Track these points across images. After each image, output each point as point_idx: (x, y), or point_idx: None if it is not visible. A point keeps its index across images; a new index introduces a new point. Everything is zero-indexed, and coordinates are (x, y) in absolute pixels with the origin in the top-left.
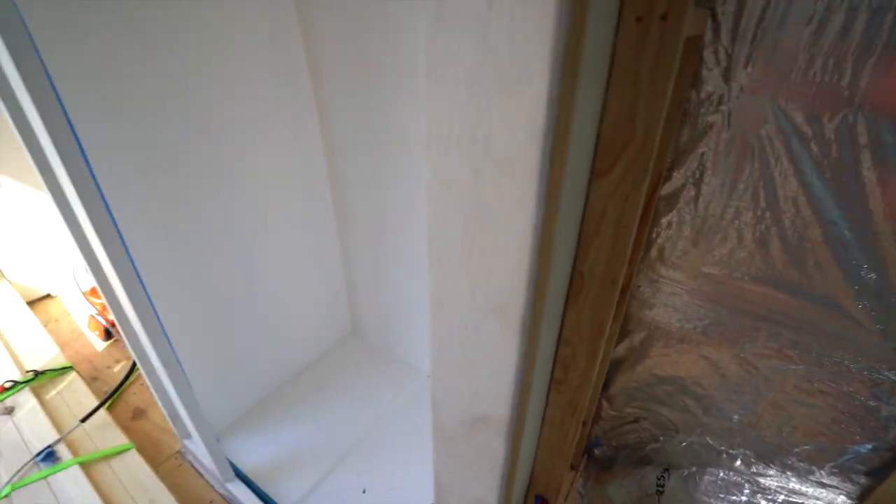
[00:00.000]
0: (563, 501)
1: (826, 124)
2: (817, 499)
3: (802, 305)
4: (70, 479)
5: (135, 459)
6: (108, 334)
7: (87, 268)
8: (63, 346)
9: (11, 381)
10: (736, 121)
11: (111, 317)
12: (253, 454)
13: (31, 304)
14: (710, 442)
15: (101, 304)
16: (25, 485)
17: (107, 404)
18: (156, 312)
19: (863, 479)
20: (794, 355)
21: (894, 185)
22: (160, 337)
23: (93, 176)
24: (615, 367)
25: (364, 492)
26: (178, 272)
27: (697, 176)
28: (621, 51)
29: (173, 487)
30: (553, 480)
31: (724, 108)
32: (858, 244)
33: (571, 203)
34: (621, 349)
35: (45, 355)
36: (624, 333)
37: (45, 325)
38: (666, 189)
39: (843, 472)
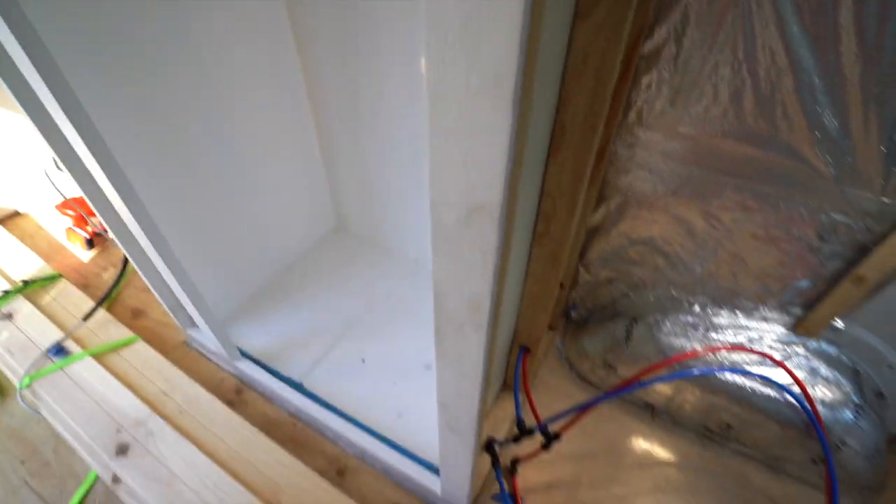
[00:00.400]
0: (542, 354)
1: None
2: (759, 330)
3: (768, 157)
4: (86, 368)
5: (144, 349)
6: (90, 244)
7: (67, 172)
8: (46, 259)
9: (3, 290)
10: None
11: (90, 227)
12: (255, 338)
13: (1, 221)
14: (675, 294)
15: (75, 216)
16: (44, 375)
17: (105, 305)
18: (144, 209)
19: (798, 311)
20: (754, 205)
21: (868, 28)
22: (156, 232)
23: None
24: (592, 234)
25: (363, 361)
26: (164, 169)
27: (680, 30)
28: None
29: (186, 370)
30: (535, 331)
31: None
32: (825, 90)
33: (554, 47)
34: (598, 216)
35: (31, 267)
36: (601, 199)
37: (22, 241)
38: (647, 47)
39: (783, 306)
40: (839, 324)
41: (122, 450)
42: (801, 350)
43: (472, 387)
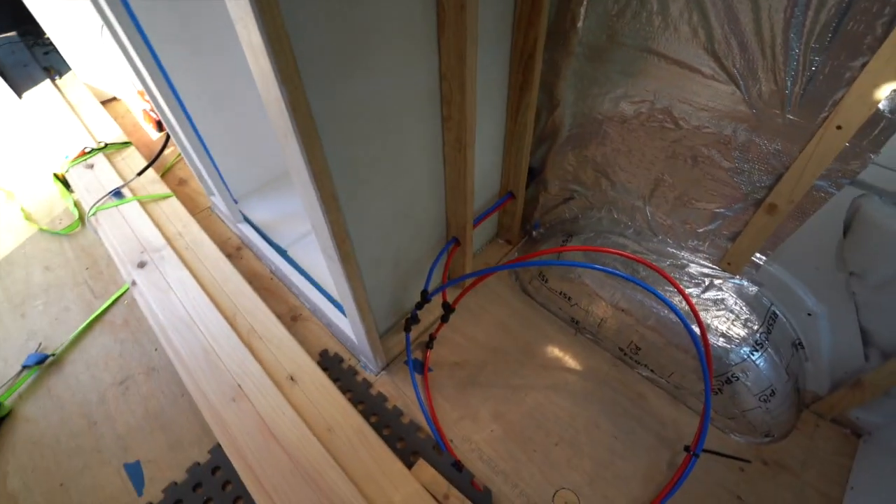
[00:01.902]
0: (470, 240)
1: None
2: (686, 259)
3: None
4: (132, 208)
5: (175, 203)
6: (160, 126)
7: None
8: (127, 134)
9: (90, 148)
10: None
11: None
12: (260, 211)
13: (102, 103)
14: (616, 216)
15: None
16: (105, 209)
17: (159, 172)
18: (185, 108)
19: (725, 244)
20: (685, 125)
21: None
22: (186, 124)
23: None
24: (546, 151)
25: None
26: (202, 72)
27: None
28: None
29: (203, 225)
30: (459, 220)
31: None
32: None
33: None
34: (550, 125)
35: (113, 135)
36: (551, 109)
37: (114, 119)
38: None
39: (710, 235)
40: (760, 260)
41: (142, 264)
42: (719, 282)
43: (316, 205)
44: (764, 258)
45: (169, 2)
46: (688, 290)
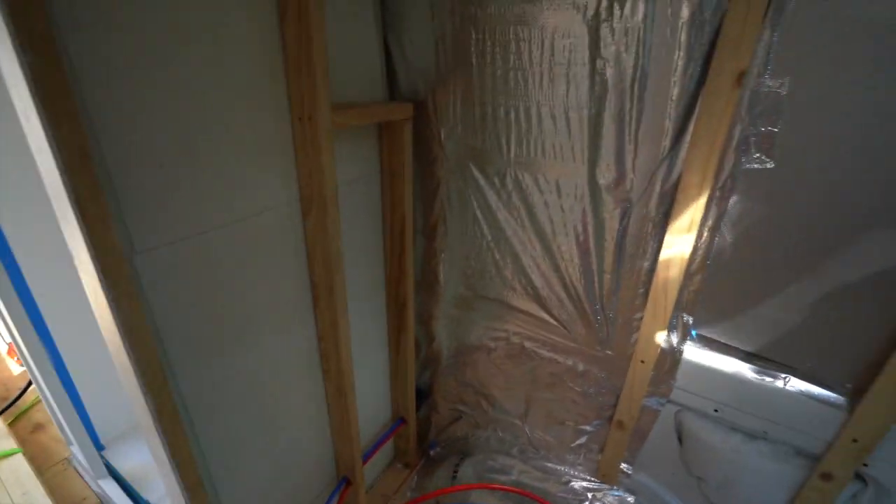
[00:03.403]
0: (361, 479)
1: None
2: (569, 475)
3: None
4: None
5: (20, 462)
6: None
7: None
8: None
9: None
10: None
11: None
12: (132, 459)
13: None
14: (501, 435)
15: None
16: None
17: (9, 418)
18: (50, 341)
19: (596, 456)
20: (546, 354)
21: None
22: (46, 362)
23: None
24: (433, 371)
25: None
26: (74, 298)
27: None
28: (296, 138)
29: (54, 486)
30: (347, 459)
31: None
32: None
33: (296, 235)
34: (431, 353)
35: None
36: (429, 340)
37: None
38: (428, 224)
39: (583, 449)
40: (627, 469)
41: None
42: (600, 496)
43: (176, 489)
44: (630, 468)
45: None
46: None
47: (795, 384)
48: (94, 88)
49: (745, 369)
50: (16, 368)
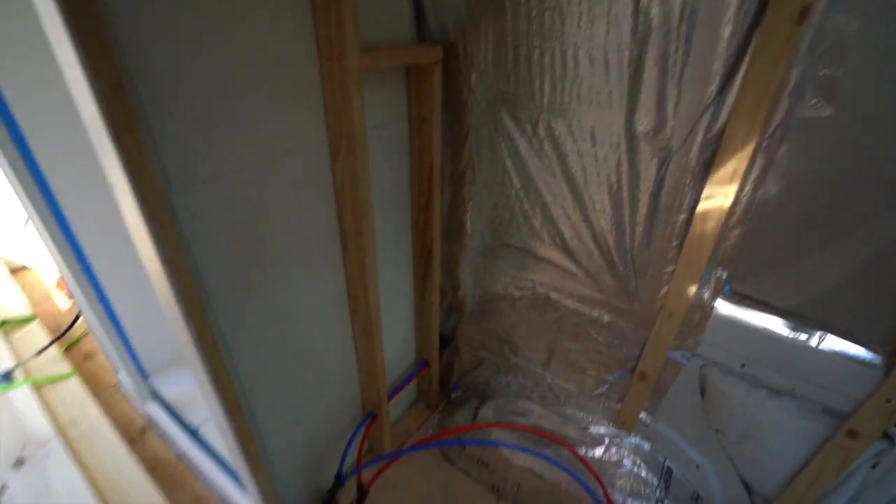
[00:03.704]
0: (386, 415)
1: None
2: (586, 421)
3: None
4: (21, 395)
5: (75, 384)
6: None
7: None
8: (35, 305)
9: None
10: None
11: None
12: (174, 387)
13: (13, 272)
14: (522, 380)
15: None
16: None
17: (63, 346)
18: (94, 278)
19: (616, 405)
20: (570, 307)
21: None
22: (94, 297)
23: (28, 154)
24: (457, 321)
25: None
26: (116, 241)
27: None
28: (323, 79)
29: (105, 407)
30: (373, 396)
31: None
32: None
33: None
34: (456, 300)
35: (16, 309)
36: (455, 288)
37: (23, 289)
38: (456, 172)
39: (603, 398)
40: (646, 419)
41: (19, 463)
42: (617, 441)
43: (221, 416)
44: (650, 417)
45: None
46: (591, 451)
47: (830, 342)
48: (126, 18)
49: (778, 326)
50: (63, 303)
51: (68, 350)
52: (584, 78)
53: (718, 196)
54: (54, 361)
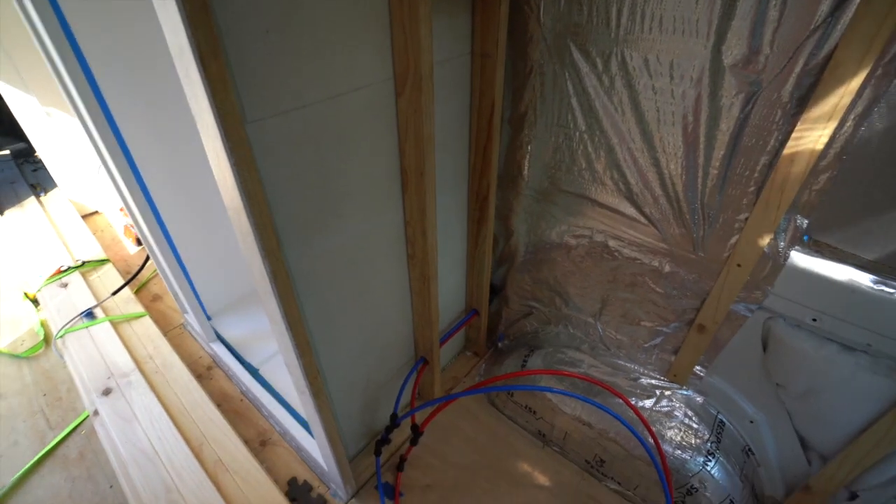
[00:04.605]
0: (437, 360)
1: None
2: (637, 372)
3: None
4: (103, 330)
5: (148, 323)
6: (139, 241)
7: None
8: (106, 249)
9: (67, 266)
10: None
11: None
12: (234, 328)
13: (84, 217)
14: (572, 331)
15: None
16: (73, 331)
17: (133, 288)
18: (163, 226)
19: (670, 357)
20: (626, 255)
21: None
22: (164, 243)
23: (105, 108)
24: (507, 271)
25: None
26: (181, 190)
27: (532, 104)
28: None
29: (175, 345)
30: (426, 342)
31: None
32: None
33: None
34: (507, 250)
35: (91, 252)
36: (507, 237)
37: (94, 234)
38: (513, 114)
39: (656, 349)
40: (701, 372)
41: (107, 392)
42: (668, 393)
43: (291, 350)
44: (704, 370)
45: (158, 132)
46: (641, 402)
47: None
48: None
49: (861, 278)
50: (132, 249)
51: (138, 292)
52: (669, 2)
53: (812, 135)
54: (127, 301)
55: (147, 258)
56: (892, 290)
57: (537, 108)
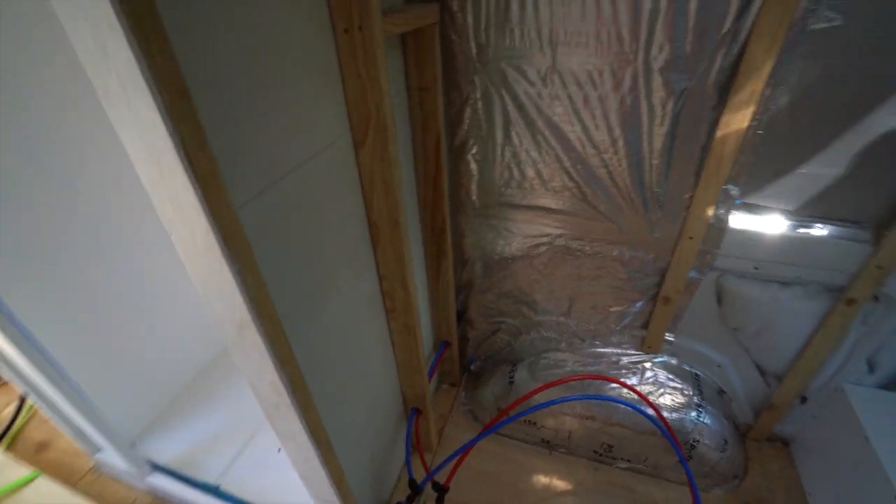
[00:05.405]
0: (430, 407)
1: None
2: (616, 354)
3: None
4: None
5: (45, 485)
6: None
7: None
8: None
9: None
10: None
11: None
12: (170, 449)
13: None
14: (546, 335)
15: None
16: None
17: (3, 446)
18: (36, 343)
19: (641, 332)
20: (583, 251)
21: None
22: (48, 367)
23: None
24: (467, 294)
25: (279, 450)
26: (55, 297)
27: (472, 129)
28: (342, 55)
29: (95, 498)
30: (416, 391)
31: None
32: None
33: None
34: (465, 277)
35: None
36: (465, 263)
37: None
38: (455, 143)
39: (627, 329)
40: (671, 338)
41: None
42: (648, 365)
43: (313, 457)
44: (673, 336)
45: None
46: (629, 381)
47: (828, 230)
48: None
49: (783, 226)
50: None
51: (11, 448)
52: (594, 18)
53: (736, 119)
54: (2, 467)
55: (22, 399)
56: (807, 230)
57: (480, 130)
